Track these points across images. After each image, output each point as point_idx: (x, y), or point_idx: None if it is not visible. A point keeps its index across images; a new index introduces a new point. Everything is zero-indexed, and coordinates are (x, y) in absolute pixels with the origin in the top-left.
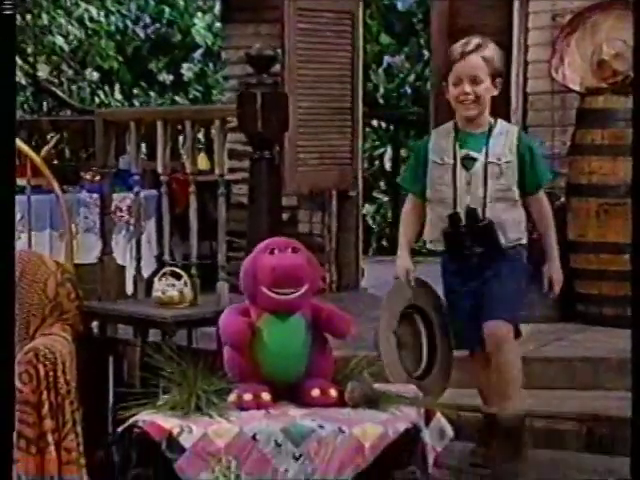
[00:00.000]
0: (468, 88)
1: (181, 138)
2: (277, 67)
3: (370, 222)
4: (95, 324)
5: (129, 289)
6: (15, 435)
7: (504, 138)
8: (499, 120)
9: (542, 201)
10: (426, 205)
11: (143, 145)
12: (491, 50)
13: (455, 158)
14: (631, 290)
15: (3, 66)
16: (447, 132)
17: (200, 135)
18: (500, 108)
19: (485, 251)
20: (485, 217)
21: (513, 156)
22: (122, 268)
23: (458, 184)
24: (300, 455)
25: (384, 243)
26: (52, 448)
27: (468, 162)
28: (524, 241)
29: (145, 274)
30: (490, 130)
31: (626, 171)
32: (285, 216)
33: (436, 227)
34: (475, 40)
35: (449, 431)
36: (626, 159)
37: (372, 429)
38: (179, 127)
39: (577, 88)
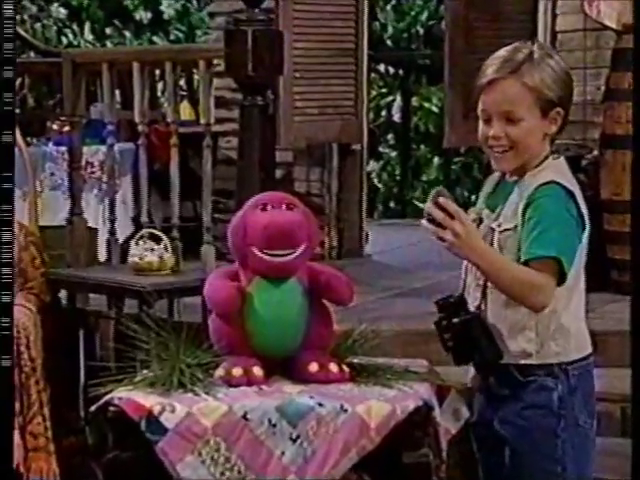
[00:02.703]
0: (499, 130)
1: (160, 85)
2: (270, 2)
3: (375, 180)
4: (63, 293)
5: (102, 254)
6: None
7: (520, 194)
8: (548, 163)
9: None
10: None
11: (117, 92)
12: (541, 70)
13: (479, 217)
14: (631, 255)
15: None
16: (493, 179)
17: (182, 83)
18: None
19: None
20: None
21: (518, 220)
22: (94, 231)
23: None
24: (298, 436)
25: (391, 204)
26: (16, 433)
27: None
28: (550, 360)
29: (120, 238)
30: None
31: None
32: (279, 173)
33: None
34: (517, 55)
35: (465, 411)
36: None
37: (378, 407)
38: (158, 72)
39: (613, 25)
